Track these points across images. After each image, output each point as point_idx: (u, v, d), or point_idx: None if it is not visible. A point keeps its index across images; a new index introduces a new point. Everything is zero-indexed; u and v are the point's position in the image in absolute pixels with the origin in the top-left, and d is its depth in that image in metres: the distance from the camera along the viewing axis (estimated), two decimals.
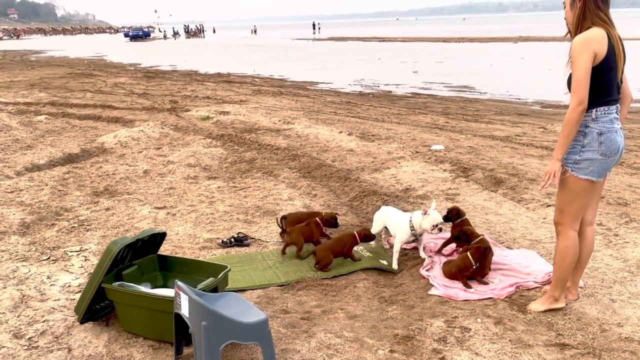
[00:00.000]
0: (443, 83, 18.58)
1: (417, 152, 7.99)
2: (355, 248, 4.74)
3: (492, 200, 5.91)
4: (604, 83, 3.23)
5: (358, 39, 55.84)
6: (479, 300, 3.84)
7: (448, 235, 4.70)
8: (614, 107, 3.29)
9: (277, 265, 4.46)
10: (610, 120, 3.28)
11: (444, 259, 4.46)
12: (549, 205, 5.62)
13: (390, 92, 16.90)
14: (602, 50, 3.16)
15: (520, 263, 4.32)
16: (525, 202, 5.80)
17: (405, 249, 4.74)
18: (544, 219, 5.31)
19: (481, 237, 4.36)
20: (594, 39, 3.16)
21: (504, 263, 4.32)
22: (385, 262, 4.54)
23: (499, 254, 4.49)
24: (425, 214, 4.34)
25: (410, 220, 4.41)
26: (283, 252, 4.68)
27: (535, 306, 3.68)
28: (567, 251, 3.50)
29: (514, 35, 46.74)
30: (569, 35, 3.40)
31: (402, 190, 6.33)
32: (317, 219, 4.86)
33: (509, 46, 36.83)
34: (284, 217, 5.06)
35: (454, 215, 4.66)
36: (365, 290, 4.10)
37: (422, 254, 4.58)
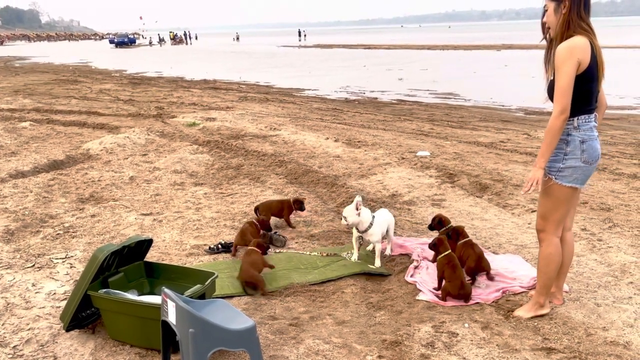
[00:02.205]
0: (428, 90, 18.71)
1: (403, 158, 8.03)
2: (344, 255, 4.74)
3: (477, 206, 5.96)
4: (585, 92, 3.25)
5: (344, 46, 56.07)
6: (466, 305, 3.86)
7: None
8: (593, 115, 3.33)
9: (264, 272, 4.44)
10: (591, 128, 3.32)
11: (432, 265, 4.47)
12: (534, 211, 5.67)
13: (376, 98, 16.98)
14: (586, 59, 3.17)
15: (507, 268, 4.35)
16: (510, 208, 5.85)
17: (392, 255, 4.76)
18: (528, 224, 5.36)
19: (468, 239, 4.39)
20: (579, 48, 3.16)
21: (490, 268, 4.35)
22: (373, 267, 4.54)
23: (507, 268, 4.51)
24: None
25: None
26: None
27: (521, 313, 3.69)
28: (552, 258, 3.54)
29: (497, 43, 47.29)
30: (544, 40, 3.45)
31: (389, 196, 6.35)
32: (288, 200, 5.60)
33: (492, 54, 37.24)
34: (257, 208, 5.63)
35: (436, 224, 4.64)
36: (353, 295, 4.11)
37: (377, 262, 4.60)
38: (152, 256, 4.49)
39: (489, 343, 3.35)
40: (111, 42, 77.32)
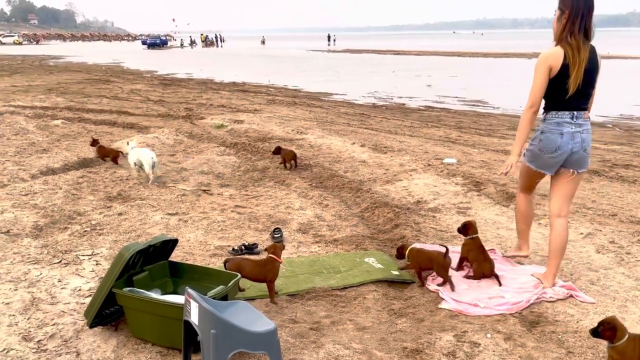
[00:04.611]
0: (457, 97, 18.57)
1: (429, 165, 7.98)
2: (367, 260, 4.72)
3: (503, 215, 5.88)
4: (554, 93, 3.84)
5: (373, 51, 55.98)
6: (489, 315, 3.81)
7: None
8: (566, 113, 3.85)
9: (286, 275, 4.46)
10: (557, 123, 3.87)
11: (455, 273, 4.43)
12: None
13: (404, 104, 16.91)
14: (556, 67, 3.75)
15: (531, 279, 4.28)
16: (537, 218, 5.76)
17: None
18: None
19: (475, 236, 4.40)
20: (552, 56, 3.77)
21: (515, 279, 4.30)
22: (396, 273, 4.51)
23: (510, 270, 4.47)
24: None
25: None
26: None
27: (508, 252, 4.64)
28: (516, 207, 4.52)
29: (528, 51, 46.53)
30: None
31: (414, 203, 6.31)
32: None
33: (523, 62, 36.71)
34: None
35: (462, 228, 4.53)
36: (374, 302, 4.09)
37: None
38: (176, 256, 4.53)
39: (511, 354, 3.30)
40: (143, 43, 78.49)
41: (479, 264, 4.32)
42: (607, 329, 2.92)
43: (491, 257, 4.39)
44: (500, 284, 4.20)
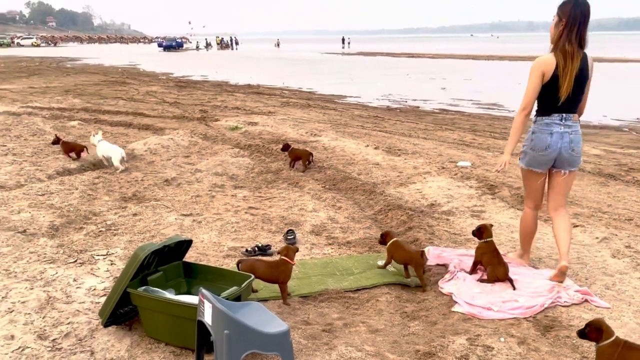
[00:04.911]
0: (471, 100, 18.47)
1: (443, 167, 7.95)
2: (380, 263, 4.72)
3: (518, 219, 5.81)
4: (546, 98, 4.11)
5: (387, 54, 55.90)
6: (503, 319, 3.79)
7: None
8: (556, 115, 4.12)
9: (299, 276, 4.46)
10: (547, 124, 4.15)
11: (469, 277, 4.41)
12: (576, 226, 5.54)
13: (418, 107, 16.86)
14: (549, 73, 4.01)
15: (546, 283, 4.25)
16: (551, 222, 5.71)
17: (429, 266, 4.71)
18: (570, 239, 5.22)
19: (490, 240, 4.40)
20: (545, 63, 4.04)
21: (529, 283, 4.27)
22: (409, 279, 4.51)
23: (524, 273, 4.44)
24: None
25: None
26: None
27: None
28: (521, 221, 4.61)
29: (543, 54, 46.15)
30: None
31: (427, 206, 6.29)
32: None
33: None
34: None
35: (476, 231, 4.50)
36: (387, 304, 4.08)
37: None
38: (190, 256, 4.56)
39: (525, 359, 3.28)
40: (159, 45, 79.04)
41: (493, 267, 4.30)
42: (593, 330, 3.00)
43: (505, 261, 4.37)
44: (514, 288, 4.17)
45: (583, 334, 3.05)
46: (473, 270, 4.49)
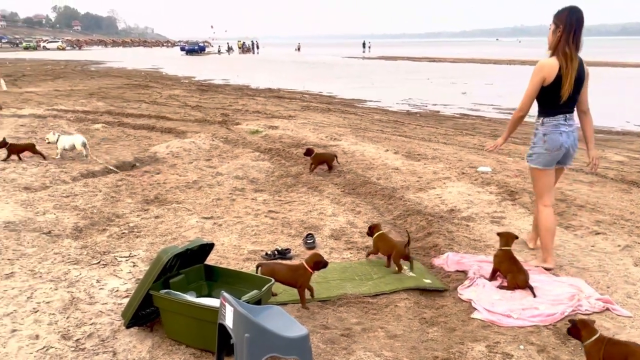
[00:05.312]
0: (492, 105, 18.34)
1: (463, 173, 7.92)
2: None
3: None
4: (550, 99, 4.41)
5: (408, 58, 55.73)
6: (523, 326, 3.77)
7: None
8: (560, 116, 4.44)
9: (318, 280, 4.49)
10: (555, 125, 4.45)
11: (488, 283, 4.39)
12: (598, 233, 5.48)
13: (438, 112, 16.80)
14: (551, 76, 4.32)
15: (566, 291, 4.22)
16: (573, 229, 5.67)
17: (448, 272, 4.71)
18: (592, 246, 5.18)
19: (507, 248, 4.40)
20: (547, 66, 4.35)
21: (549, 290, 4.24)
22: (429, 281, 4.50)
23: (545, 281, 4.41)
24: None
25: None
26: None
27: (532, 262, 4.76)
28: (542, 223, 4.69)
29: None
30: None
31: (447, 211, 6.28)
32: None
33: None
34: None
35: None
36: (406, 310, 4.08)
37: None
38: (210, 259, 4.59)
39: None
40: (182, 49, 79.87)
41: (513, 275, 4.28)
42: (574, 328, 3.20)
43: (525, 269, 4.35)
44: (534, 296, 4.15)
45: (569, 331, 3.26)
46: (492, 277, 4.47)
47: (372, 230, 5.01)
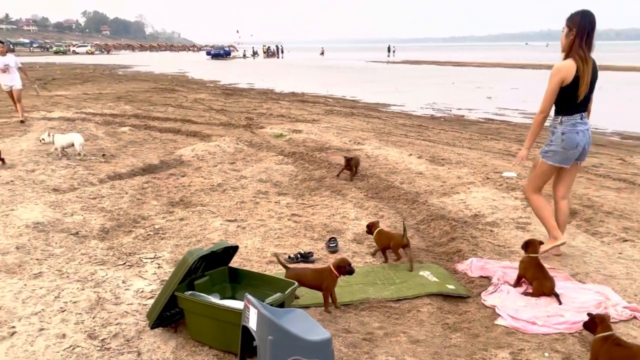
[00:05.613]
0: (518, 110, 18.13)
1: (487, 178, 7.85)
2: (421, 273, 4.71)
3: (565, 232, 5.71)
4: (567, 99, 4.57)
5: (433, 62, 55.44)
6: (548, 334, 3.72)
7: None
8: (577, 115, 4.62)
9: (340, 284, 4.49)
10: (573, 124, 4.63)
11: (513, 290, 4.35)
12: (626, 240, 5.39)
13: (463, 116, 16.67)
14: (569, 77, 4.47)
15: (593, 298, 4.16)
16: (600, 236, 5.58)
17: (472, 277, 4.67)
18: (619, 254, 5.09)
19: (534, 255, 4.36)
20: (565, 68, 4.49)
21: (575, 298, 4.18)
22: (452, 287, 4.47)
23: (570, 288, 4.35)
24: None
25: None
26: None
27: (544, 247, 4.84)
28: (539, 207, 5.03)
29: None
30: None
31: (471, 216, 6.23)
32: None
33: None
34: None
35: (523, 246, 4.50)
36: (429, 315, 4.06)
37: None
38: (233, 261, 4.62)
39: None
40: (208, 53, 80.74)
41: (539, 281, 4.23)
42: (592, 321, 3.35)
43: (551, 275, 4.30)
44: (560, 303, 4.10)
45: (585, 325, 3.42)
46: (517, 284, 4.43)
47: (370, 228, 5.22)
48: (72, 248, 5.19)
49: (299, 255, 5.03)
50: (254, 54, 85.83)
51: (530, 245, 4.43)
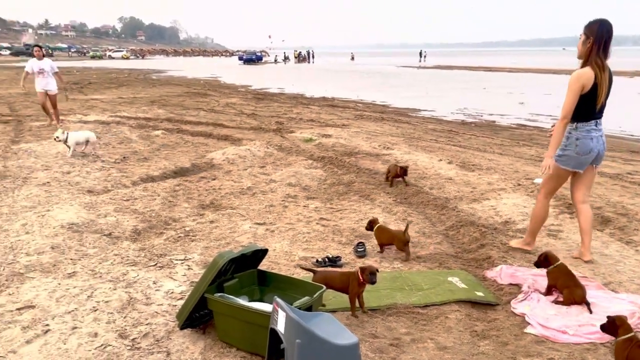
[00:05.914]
0: (551, 115, 17.84)
1: (519, 184, 7.75)
2: (450, 279, 4.67)
3: (597, 240, 5.61)
4: (585, 106, 4.65)
5: (464, 67, 54.95)
6: (579, 343, 3.66)
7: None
8: (593, 121, 4.73)
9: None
10: (587, 130, 4.74)
11: (543, 298, 4.29)
12: None
13: (494, 122, 16.49)
14: (588, 85, 4.56)
15: (626, 308, 4.07)
16: (634, 244, 5.46)
17: (501, 285, 4.62)
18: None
19: (559, 263, 4.30)
20: (585, 76, 4.57)
21: (607, 307, 4.10)
22: (480, 294, 4.43)
23: (601, 297, 4.27)
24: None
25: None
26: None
27: (513, 242, 5.43)
28: (536, 212, 5.22)
29: (629, 69, 43.52)
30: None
31: (501, 223, 6.16)
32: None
33: (623, 80, 34.61)
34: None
35: (542, 262, 4.41)
36: (457, 322, 4.03)
37: None
38: (262, 264, 4.67)
39: None
40: (240, 58, 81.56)
41: (570, 290, 4.17)
42: (611, 324, 3.31)
43: (583, 284, 4.23)
44: (590, 312, 4.03)
45: (603, 327, 3.39)
46: (548, 292, 4.37)
47: (371, 224, 5.44)
48: (105, 249, 5.30)
49: (327, 260, 5.04)
50: (285, 58, 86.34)
51: (551, 258, 4.37)
